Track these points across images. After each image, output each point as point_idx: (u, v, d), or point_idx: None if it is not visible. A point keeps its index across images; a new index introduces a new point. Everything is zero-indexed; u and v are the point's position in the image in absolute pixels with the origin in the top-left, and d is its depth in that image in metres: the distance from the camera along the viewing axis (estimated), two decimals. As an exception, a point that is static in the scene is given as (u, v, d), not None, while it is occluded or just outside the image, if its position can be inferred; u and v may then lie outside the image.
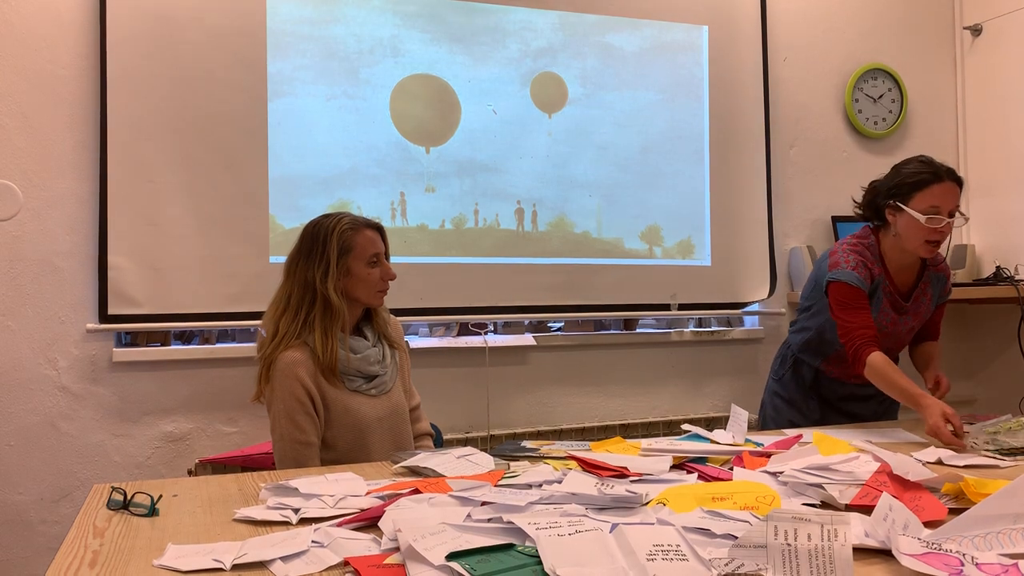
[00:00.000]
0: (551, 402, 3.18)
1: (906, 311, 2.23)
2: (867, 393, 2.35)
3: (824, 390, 2.38)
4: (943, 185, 2.06)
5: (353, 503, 1.33)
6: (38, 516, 2.58)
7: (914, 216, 2.05)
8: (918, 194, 2.07)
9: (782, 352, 2.51)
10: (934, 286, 2.28)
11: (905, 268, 2.21)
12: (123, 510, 1.36)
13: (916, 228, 2.07)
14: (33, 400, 2.58)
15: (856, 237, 2.25)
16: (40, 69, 2.59)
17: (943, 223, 2.05)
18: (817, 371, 2.37)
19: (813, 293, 2.32)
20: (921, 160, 2.14)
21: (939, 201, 2.05)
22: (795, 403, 2.38)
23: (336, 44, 2.89)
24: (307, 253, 1.94)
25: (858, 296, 2.12)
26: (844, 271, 2.14)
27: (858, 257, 2.16)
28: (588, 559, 1.00)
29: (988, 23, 3.70)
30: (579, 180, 3.19)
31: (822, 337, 2.30)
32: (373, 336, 2.02)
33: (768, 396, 2.51)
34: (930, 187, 2.06)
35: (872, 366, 2.06)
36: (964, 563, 0.98)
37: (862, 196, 2.26)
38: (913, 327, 2.29)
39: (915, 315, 2.26)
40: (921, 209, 2.05)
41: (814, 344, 2.34)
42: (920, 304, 2.25)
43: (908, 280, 2.24)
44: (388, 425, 1.97)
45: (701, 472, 1.50)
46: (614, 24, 3.26)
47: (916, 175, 2.09)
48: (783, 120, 3.54)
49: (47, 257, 2.60)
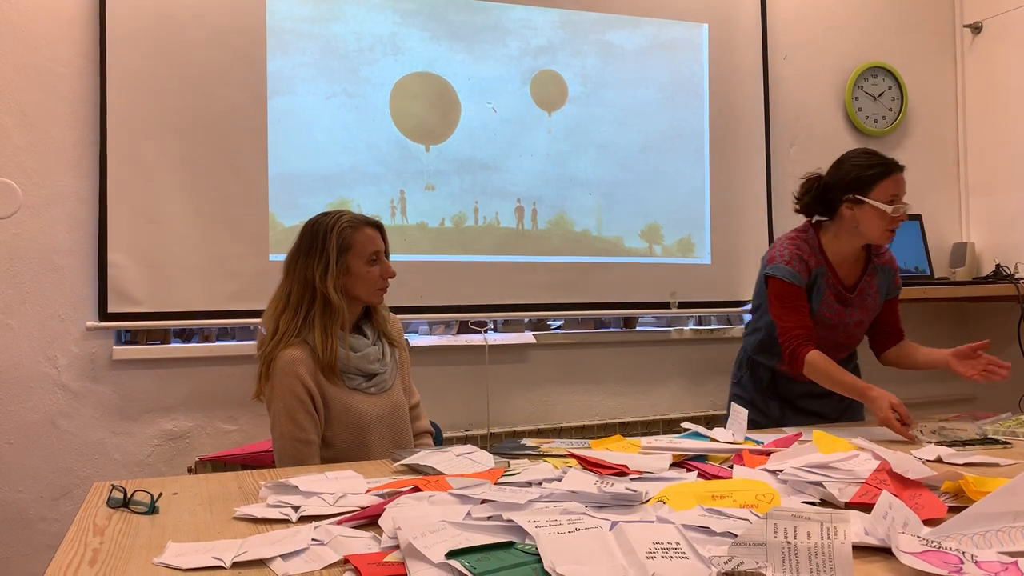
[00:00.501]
0: (551, 400, 3.18)
1: (851, 303, 2.25)
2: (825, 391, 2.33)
3: (782, 389, 2.37)
4: (896, 175, 2.14)
5: (353, 501, 1.33)
6: (38, 514, 2.59)
7: (879, 207, 2.11)
8: (878, 186, 2.13)
9: (739, 355, 2.51)
10: (881, 278, 2.30)
11: (848, 260, 2.24)
12: (123, 508, 1.36)
13: (879, 218, 2.13)
14: (33, 398, 2.58)
15: (796, 231, 2.28)
16: (40, 67, 2.59)
17: (903, 211, 2.13)
18: (773, 371, 2.37)
19: (761, 292, 2.32)
20: (867, 152, 2.19)
21: (896, 190, 2.13)
22: (755, 404, 2.37)
23: (336, 42, 2.89)
24: (307, 251, 1.94)
25: (793, 292, 2.16)
26: (779, 266, 2.18)
27: (794, 250, 2.19)
28: (588, 557, 1.00)
29: (988, 21, 3.70)
30: (579, 178, 3.19)
31: (772, 337, 2.29)
32: (373, 334, 2.02)
33: (730, 399, 2.49)
34: (887, 178, 2.13)
35: (811, 364, 2.10)
36: (964, 561, 0.98)
37: (802, 191, 2.27)
38: (862, 320, 2.29)
39: (862, 308, 2.27)
40: (884, 200, 2.11)
41: (767, 344, 2.34)
42: (867, 296, 2.27)
43: (853, 272, 2.26)
44: (388, 423, 1.97)
45: (701, 470, 1.50)
46: (614, 22, 3.25)
47: (873, 168, 2.14)
48: (783, 118, 3.54)
49: (47, 255, 2.60)
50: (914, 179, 3.75)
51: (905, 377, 2.22)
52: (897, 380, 2.51)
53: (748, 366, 2.43)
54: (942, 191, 3.82)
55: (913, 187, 3.72)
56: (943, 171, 3.83)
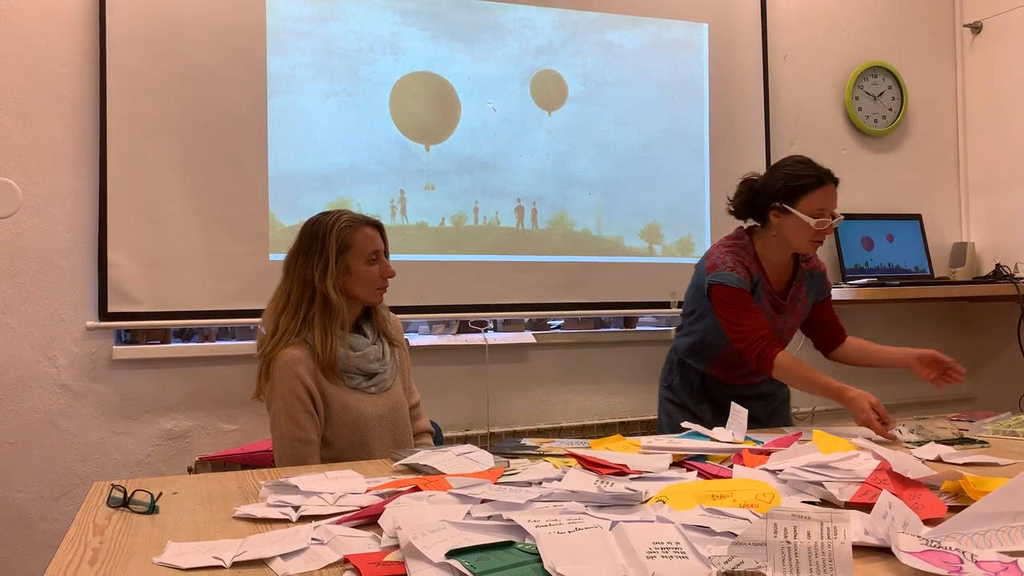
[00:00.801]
0: (551, 400, 3.18)
1: (784, 309, 2.24)
2: (754, 393, 2.35)
3: (713, 393, 2.36)
4: (827, 188, 2.11)
5: (353, 501, 1.33)
6: (38, 514, 2.59)
7: (803, 219, 2.09)
8: (805, 197, 2.10)
9: (669, 358, 2.49)
10: (809, 284, 2.29)
11: (780, 267, 2.23)
12: (123, 508, 1.36)
13: (803, 230, 2.10)
14: (33, 398, 2.58)
15: (730, 238, 2.26)
16: (40, 67, 2.59)
17: (828, 225, 2.10)
18: (704, 375, 2.36)
19: (695, 297, 2.31)
20: (801, 161, 2.16)
21: (823, 203, 2.10)
22: (687, 407, 2.37)
23: (336, 42, 2.89)
24: (306, 251, 1.94)
25: (742, 297, 2.13)
26: (723, 273, 2.15)
27: (735, 257, 2.17)
28: (588, 557, 1.00)
29: (988, 20, 3.70)
30: (579, 178, 3.19)
31: (705, 341, 2.29)
32: (373, 334, 2.02)
33: (661, 402, 2.49)
34: (816, 190, 2.10)
35: (781, 366, 2.07)
36: (964, 561, 0.98)
37: (736, 194, 2.26)
38: (792, 326, 2.30)
39: (793, 313, 2.27)
40: (809, 212, 2.09)
41: (699, 348, 2.33)
42: (797, 302, 2.27)
43: (783, 278, 2.26)
44: (388, 423, 1.97)
45: (701, 470, 1.50)
46: (614, 22, 3.25)
47: (801, 178, 2.11)
48: (783, 118, 3.54)
49: (47, 255, 2.60)
50: (914, 179, 3.78)
51: (905, 377, 2.22)
52: (897, 380, 2.52)
53: (679, 369, 2.42)
54: (942, 191, 3.82)
55: (913, 187, 3.76)
56: (943, 171, 3.83)
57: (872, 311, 3.60)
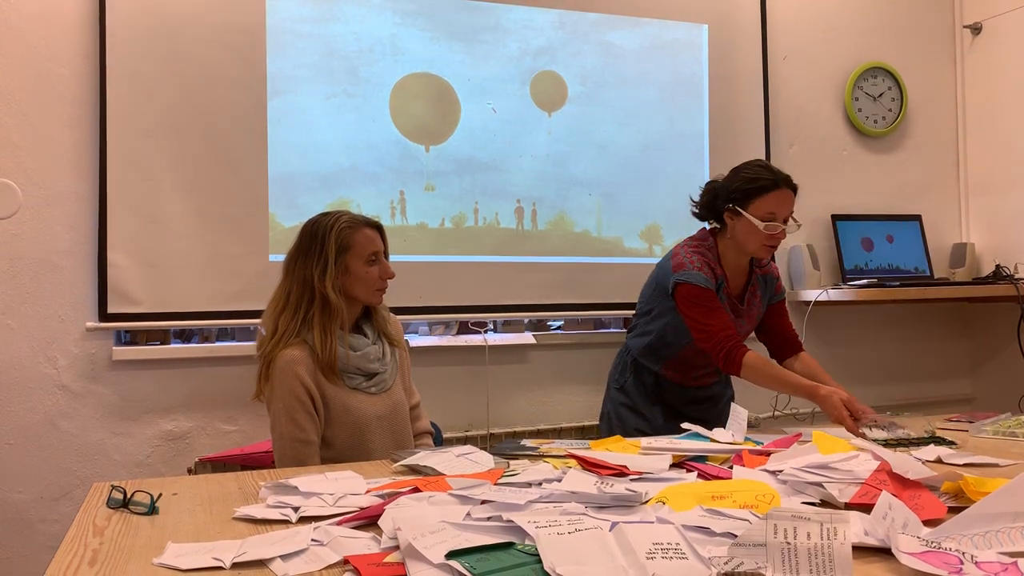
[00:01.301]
0: (551, 400, 3.18)
1: (741, 313, 2.24)
2: (706, 395, 2.35)
3: (666, 395, 2.35)
4: (780, 192, 2.09)
5: (353, 501, 1.33)
6: (38, 515, 2.58)
7: (752, 221, 2.08)
8: (757, 200, 2.09)
9: (621, 359, 2.46)
10: (762, 288, 2.29)
11: (739, 271, 2.23)
12: (123, 508, 1.36)
13: (754, 233, 2.10)
14: (33, 398, 2.58)
15: (695, 239, 2.25)
16: (40, 67, 2.59)
17: (779, 229, 2.08)
18: (657, 376, 2.35)
19: (654, 296, 2.29)
20: (760, 165, 2.15)
21: (776, 208, 2.08)
22: (639, 410, 2.35)
23: (336, 42, 2.89)
24: (306, 251, 1.94)
25: (709, 296, 2.12)
26: (690, 272, 2.13)
27: (701, 258, 2.16)
28: (588, 557, 1.00)
29: (988, 22, 3.70)
30: (579, 179, 3.19)
31: (663, 340, 2.28)
32: (373, 334, 2.02)
33: (612, 405, 2.45)
34: (768, 194, 2.09)
35: (750, 366, 2.05)
36: (963, 561, 0.98)
37: (699, 195, 2.25)
38: (748, 330, 2.30)
39: (748, 317, 2.27)
40: (759, 215, 2.08)
41: (655, 348, 2.31)
42: (752, 306, 2.27)
43: (740, 282, 2.25)
44: (388, 423, 1.97)
45: (701, 471, 1.50)
46: (614, 22, 3.25)
47: (755, 180, 2.10)
48: (783, 119, 3.54)
49: (47, 255, 2.60)
50: (914, 179, 3.78)
51: (903, 377, 2.22)
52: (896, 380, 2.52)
53: (633, 370, 2.39)
54: (942, 191, 3.82)
55: (913, 187, 3.76)
56: (943, 171, 3.83)
57: (872, 312, 3.60)
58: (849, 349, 3.50)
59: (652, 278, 2.34)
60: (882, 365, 3.58)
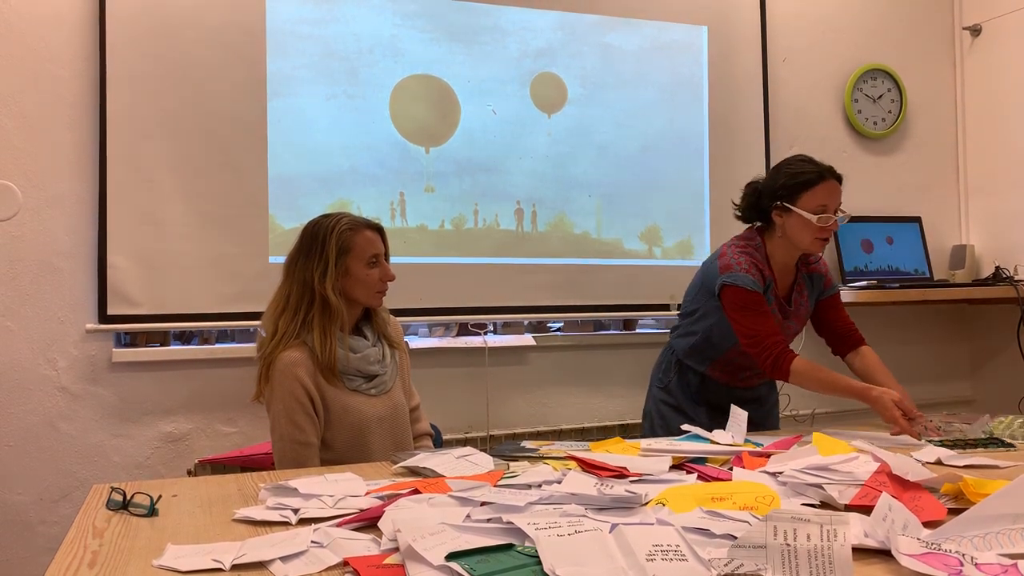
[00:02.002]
0: (550, 402, 3.18)
1: (789, 315, 2.21)
2: (752, 396, 2.32)
3: (711, 395, 2.31)
4: (828, 183, 2.07)
5: (352, 503, 1.33)
6: (37, 516, 2.58)
7: (804, 216, 2.05)
8: (805, 194, 2.07)
9: (665, 358, 2.43)
10: (809, 286, 2.26)
11: (786, 270, 2.20)
12: (122, 510, 1.36)
13: (806, 227, 2.07)
14: (32, 400, 2.58)
15: (742, 239, 2.21)
16: (40, 69, 2.59)
17: (831, 221, 2.06)
18: (703, 376, 2.32)
19: (699, 296, 2.26)
20: (802, 159, 2.13)
21: (826, 199, 2.06)
22: (683, 409, 2.31)
23: (336, 44, 2.89)
24: (306, 253, 1.94)
25: (757, 300, 2.09)
26: (738, 274, 2.10)
27: (749, 259, 2.12)
28: (587, 559, 1.00)
29: (987, 23, 3.70)
30: (579, 180, 3.19)
31: (709, 341, 2.24)
32: (373, 336, 2.02)
33: (654, 404, 2.42)
34: (816, 186, 2.07)
35: (799, 372, 2.03)
36: (963, 563, 0.98)
37: (741, 198, 2.23)
38: (796, 331, 2.27)
39: (796, 318, 2.24)
40: (810, 208, 2.06)
41: (700, 348, 2.28)
42: (799, 306, 2.23)
43: (787, 283, 2.22)
44: (388, 425, 1.97)
45: (700, 472, 1.50)
46: (614, 24, 3.26)
47: (802, 175, 2.08)
48: (782, 120, 3.54)
49: (46, 257, 2.59)
50: (913, 181, 3.78)
51: (903, 378, 2.21)
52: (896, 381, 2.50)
53: (677, 370, 2.36)
54: (941, 193, 3.82)
55: (912, 189, 3.77)
56: (942, 173, 3.83)
57: (872, 314, 3.60)
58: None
59: (697, 278, 2.30)
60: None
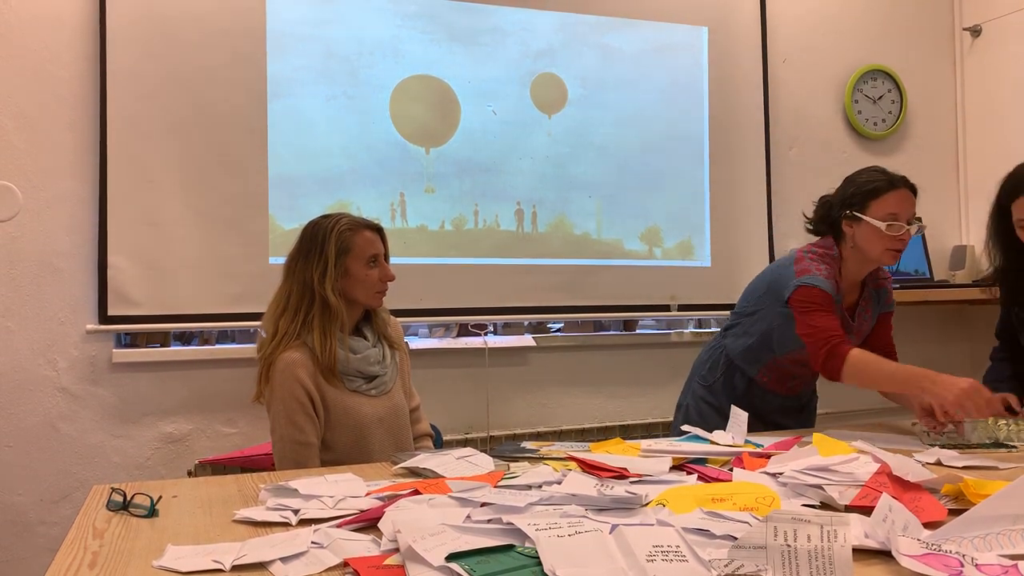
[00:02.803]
0: (551, 403, 3.18)
1: (851, 330, 2.17)
2: (797, 405, 2.30)
3: (757, 401, 2.26)
4: (899, 192, 2.04)
5: (353, 504, 1.33)
6: (37, 517, 2.58)
7: (874, 224, 2.01)
8: (874, 202, 2.03)
9: (713, 357, 2.37)
10: (874, 302, 2.23)
11: (853, 285, 2.17)
12: (123, 511, 1.36)
13: (877, 237, 2.03)
14: (33, 401, 2.58)
15: (819, 247, 2.16)
16: (40, 70, 2.59)
17: (903, 230, 2.02)
18: (751, 381, 2.28)
19: (764, 298, 2.21)
20: (874, 169, 2.10)
21: (897, 208, 2.02)
22: (724, 411, 2.21)
23: (336, 44, 2.89)
24: (306, 253, 1.94)
25: (829, 300, 2.05)
26: (817, 277, 2.06)
27: (828, 268, 2.09)
28: (588, 560, 1.00)
29: (987, 24, 3.70)
30: (579, 181, 3.19)
31: (766, 344, 2.21)
32: (373, 336, 2.02)
33: (693, 400, 2.38)
34: (886, 194, 2.03)
35: (856, 362, 1.96)
36: (964, 564, 0.98)
37: (813, 211, 2.20)
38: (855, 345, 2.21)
39: (857, 333, 2.20)
40: (880, 217, 2.02)
41: (755, 350, 2.24)
42: (863, 322, 2.21)
43: (853, 298, 2.19)
44: (388, 425, 1.97)
45: (701, 473, 1.50)
46: (614, 25, 3.26)
47: (871, 183, 2.05)
48: (783, 121, 3.54)
49: (46, 258, 2.60)
50: (914, 182, 3.76)
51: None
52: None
53: (724, 370, 2.32)
54: (942, 194, 3.82)
55: (913, 190, 3.75)
56: (943, 174, 3.83)
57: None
58: None
59: (763, 280, 2.25)
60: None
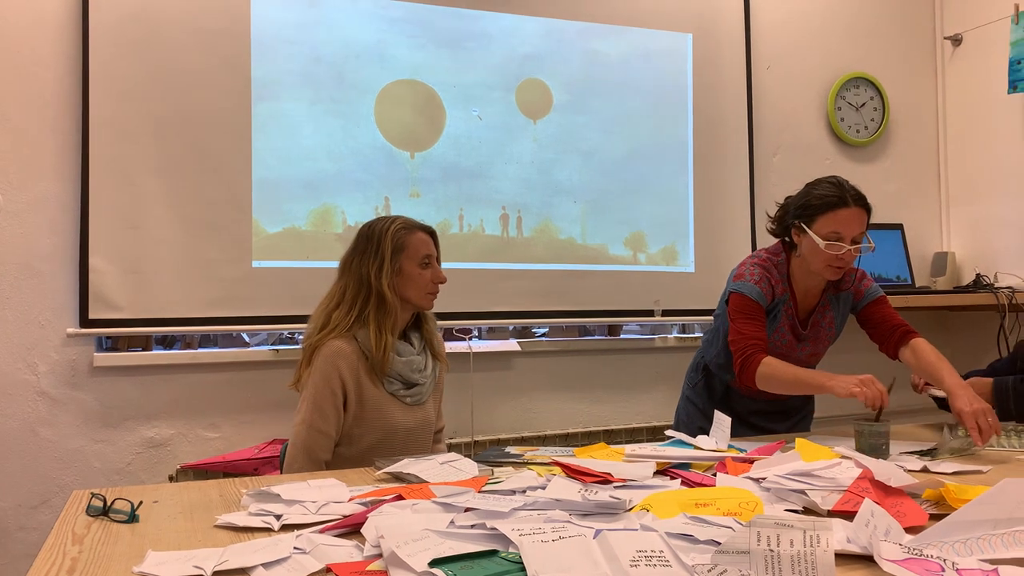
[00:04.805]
0: (535, 408, 3.18)
1: (805, 338, 2.17)
2: (777, 409, 2.30)
3: (735, 404, 2.29)
4: (849, 211, 1.98)
5: (335, 509, 1.32)
6: (16, 523, 2.55)
7: (815, 240, 1.99)
8: (821, 217, 2.00)
9: (696, 359, 2.42)
10: (835, 308, 2.19)
11: (811, 291, 2.15)
12: (103, 516, 1.35)
13: (818, 252, 2.00)
14: (12, 405, 2.56)
15: (768, 252, 2.18)
16: (22, 71, 2.57)
17: (843, 250, 1.98)
18: (727, 386, 2.30)
19: (721, 304, 2.25)
20: (831, 181, 2.04)
21: (841, 227, 1.98)
22: (706, 413, 2.28)
23: (321, 48, 2.88)
24: (362, 251, 1.97)
25: (755, 308, 2.05)
26: (746, 284, 2.08)
27: (763, 272, 2.10)
28: (571, 565, 1.00)
29: (968, 33, 3.74)
30: (564, 186, 3.19)
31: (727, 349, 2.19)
32: (419, 344, 2.04)
33: (683, 402, 2.43)
34: (835, 211, 1.98)
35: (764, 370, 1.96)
36: (945, 568, 0.99)
37: (776, 210, 2.19)
38: (814, 353, 2.22)
39: (815, 341, 2.19)
40: (823, 234, 1.98)
41: (723, 355, 2.25)
42: (820, 329, 2.18)
43: (809, 304, 2.17)
44: (414, 436, 1.99)
45: (684, 478, 1.50)
46: (599, 31, 3.27)
47: (823, 198, 2.01)
48: (766, 128, 3.56)
49: (27, 260, 2.57)
50: (895, 189, 3.82)
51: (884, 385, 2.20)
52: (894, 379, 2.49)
53: (704, 374, 2.35)
54: (923, 201, 3.86)
55: (894, 197, 3.79)
56: (924, 181, 3.87)
57: (853, 320, 3.62)
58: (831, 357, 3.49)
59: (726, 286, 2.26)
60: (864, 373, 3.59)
